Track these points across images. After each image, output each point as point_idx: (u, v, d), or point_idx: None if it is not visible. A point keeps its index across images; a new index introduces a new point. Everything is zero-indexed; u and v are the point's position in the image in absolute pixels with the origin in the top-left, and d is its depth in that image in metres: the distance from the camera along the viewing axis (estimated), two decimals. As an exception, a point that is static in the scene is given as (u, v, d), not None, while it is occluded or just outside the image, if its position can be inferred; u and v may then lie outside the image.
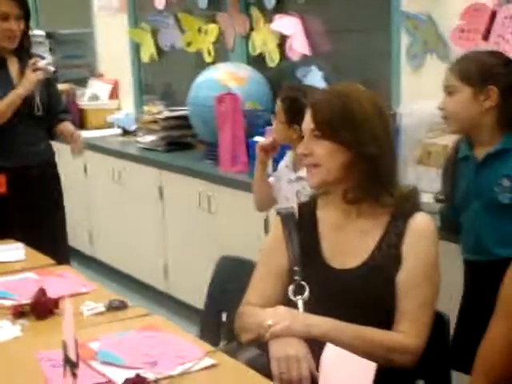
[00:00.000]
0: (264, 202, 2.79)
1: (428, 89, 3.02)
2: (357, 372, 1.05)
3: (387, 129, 1.83)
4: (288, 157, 2.68)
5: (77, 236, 4.59)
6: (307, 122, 1.82)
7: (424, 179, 2.80)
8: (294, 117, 2.46)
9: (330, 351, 1.10)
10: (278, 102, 2.59)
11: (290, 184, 2.60)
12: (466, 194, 2.13)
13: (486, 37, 2.78)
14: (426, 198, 2.59)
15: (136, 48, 4.90)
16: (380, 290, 1.78)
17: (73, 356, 1.32)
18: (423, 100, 2.95)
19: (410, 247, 1.78)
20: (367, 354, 1.35)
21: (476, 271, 2.15)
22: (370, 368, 1.03)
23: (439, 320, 1.86)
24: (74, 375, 1.34)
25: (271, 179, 2.73)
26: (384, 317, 1.77)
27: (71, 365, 1.34)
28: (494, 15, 2.75)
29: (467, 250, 2.18)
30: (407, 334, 1.75)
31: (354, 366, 1.06)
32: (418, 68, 3.09)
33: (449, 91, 2.10)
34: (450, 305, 2.14)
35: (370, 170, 1.78)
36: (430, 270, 1.78)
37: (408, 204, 1.83)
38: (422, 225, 1.80)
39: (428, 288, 1.78)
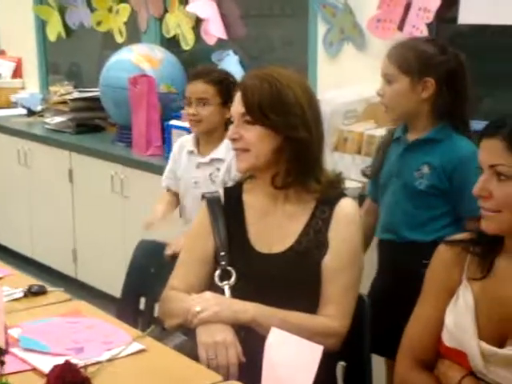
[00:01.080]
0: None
1: (344, 76, 3.08)
2: (303, 355, 1.06)
3: (316, 113, 1.84)
4: (189, 142, 2.63)
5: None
6: (237, 106, 1.80)
7: (339, 165, 2.85)
8: (229, 97, 2.43)
9: (274, 335, 1.10)
10: (206, 86, 2.50)
11: (200, 168, 2.57)
12: (389, 173, 2.18)
13: (401, 27, 2.85)
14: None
15: (41, 25, 4.73)
16: (306, 275, 1.79)
17: (1, 342, 1.26)
18: (340, 87, 3.00)
19: (336, 232, 1.80)
20: None
21: (386, 250, 2.21)
22: (316, 350, 1.04)
23: (360, 302, 1.90)
24: (2, 362, 1.28)
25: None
26: (310, 301, 1.79)
27: (-1, 352, 1.28)
28: (408, 6, 2.83)
29: (381, 229, 2.23)
30: (333, 317, 1.77)
31: (300, 349, 1.06)
32: (335, 56, 3.13)
33: (387, 79, 2.11)
34: (364, 287, 2.19)
35: (299, 155, 1.78)
36: (354, 254, 1.81)
37: (334, 190, 1.85)
38: (347, 210, 1.82)
39: (353, 272, 1.81)
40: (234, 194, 1.90)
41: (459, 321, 1.49)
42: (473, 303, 1.49)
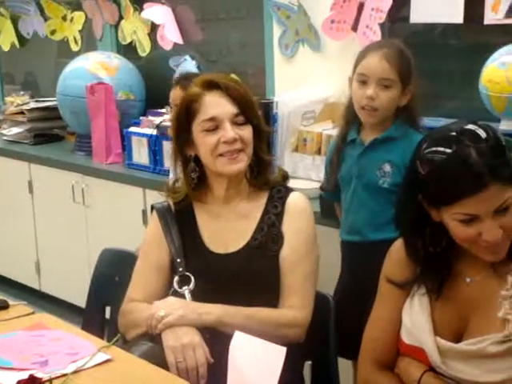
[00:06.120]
0: None
1: (301, 78, 3.11)
2: (267, 357, 1.07)
3: None
4: None
5: None
6: (224, 108, 1.81)
7: (299, 166, 2.88)
8: None
9: (238, 339, 1.11)
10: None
11: None
12: (348, 175, 2.19)
13: (354, 27, 2.88)
14: (303, 185, 2.66)
15: (-6, 35, 4.66)
16: (265, 269, 1.82)
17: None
18: (297, 89, 3.02)
19: (290, 225, 1.85)
20: (260, 334, 1.39)
21: (351, 251, 2.23)
22: (280, 352, 1.05)
23: (324, 302, 1.92)
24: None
25: None
26: (271, 295, 1.82)
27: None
28: (361, 7, 2.86)
29: (344, 231, 2.25)
30: (295, 307, 1.81)
31: (264, 352, 1.07)
32: (291, 57, 3.15)
33: (385, 84, 2.07)
34: (329, 287, 2.21)
35: (262, 148, 1.87)
36: (309, 243, 1.86)
37: (281, 186, 1.91)
38: (298, 203, 1.88)
39: (310, 261, 1.85)
40: (183, 201, 1.92)
41: (415, 319, 1.51)
42: (427, 301, 1.51)
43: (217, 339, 1.68)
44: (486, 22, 2.54)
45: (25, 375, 1.43)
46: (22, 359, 1.59)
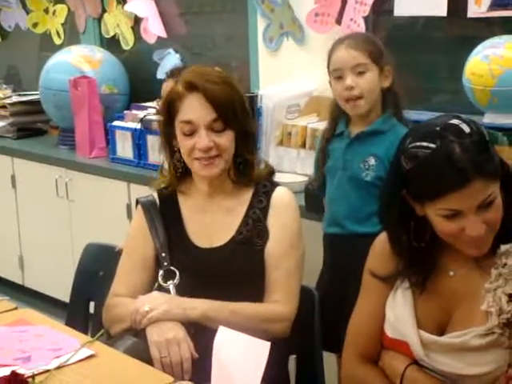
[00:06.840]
0: None
1: (286, 71, 3.10)
2: (251, 352, 1.07)
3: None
4: None
5: None
6: (202, 114, 1.77)
7: (285, 160, 2.88)
8: None
9: (222, 334, 1.10)
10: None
11: None
12: (334, 167, 2.19)
13: (339, 20, 2.88)
14: (288, 179, 2.66)
15: (-26, 28, 4.63)
16: (250, 264, 1.82)
17: None
18: (281, 82, 3.02)
19: (275, 219, 1.84)
20: (245, 329, 1.40)
21: (332, 244, 2.23)
22: (264, 347, 1.05)
23: (308, 296, 1.92)
24: None
25: None
26: (256, 290, 1.82)
27: None
28: (346, 0, 2.86)
29: (327, 223, 2.25)
30: (280, 302, 1.80)
31: (248, 347, 1.07)
32: (276, 51, 3.15)
33: (359, 71, 2.08)
34: (314, 281, 2.22)
35: (248, 148, 1.85)
36: (295, 238, 1.85)
37: (267, 181, 1.89)
38: (283, 198, 1.86)
39: (295, 256, 1.84)
40: (168, 195, 1.91)
41: (399, 312, 1.51)
42: (411, 295, 1.51)
43: (202, 334, 1.68)
44: (470, 15, 2.55)
45: (7, 371, 1.41)
46: (4, 355, 1.57)
